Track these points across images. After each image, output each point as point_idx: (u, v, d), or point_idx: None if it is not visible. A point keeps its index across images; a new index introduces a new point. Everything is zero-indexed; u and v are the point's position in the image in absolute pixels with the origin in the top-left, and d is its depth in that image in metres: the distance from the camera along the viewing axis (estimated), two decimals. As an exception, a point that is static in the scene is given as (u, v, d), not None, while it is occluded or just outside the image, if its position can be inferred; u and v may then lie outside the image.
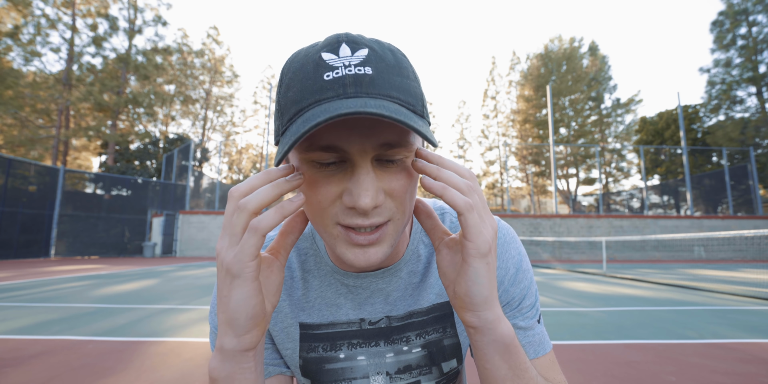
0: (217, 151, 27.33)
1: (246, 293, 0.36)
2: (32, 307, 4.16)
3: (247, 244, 0.35)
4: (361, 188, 0.39)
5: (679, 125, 21.07)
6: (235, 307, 0.36)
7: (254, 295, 0.36)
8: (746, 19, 23.67)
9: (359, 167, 0.40)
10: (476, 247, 0.37)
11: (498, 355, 0.41)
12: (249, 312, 0.36)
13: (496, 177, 35.97)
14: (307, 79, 0.39)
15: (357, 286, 0.56)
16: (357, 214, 0.41)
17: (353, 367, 0.55)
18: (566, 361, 2.41)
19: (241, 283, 0.35)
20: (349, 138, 0.39)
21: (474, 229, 0.37)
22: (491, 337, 0.40)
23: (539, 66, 33.42)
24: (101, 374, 2.14)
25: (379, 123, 0.39)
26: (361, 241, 0.42)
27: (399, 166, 0.43)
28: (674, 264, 13.56)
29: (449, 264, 0.42)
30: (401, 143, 0.41)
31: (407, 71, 0.42)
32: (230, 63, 34.66)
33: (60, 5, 19.81)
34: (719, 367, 2.30)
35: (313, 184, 0.42)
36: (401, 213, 0.44)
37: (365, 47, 0.40)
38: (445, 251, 0.43)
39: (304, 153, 0.41)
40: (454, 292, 0.41)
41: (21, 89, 18.23)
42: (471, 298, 0.39)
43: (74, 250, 14.14)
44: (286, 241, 0.42)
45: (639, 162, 29.17)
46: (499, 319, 0.41)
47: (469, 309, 0.40)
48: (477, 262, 0.38)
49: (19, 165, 12.48)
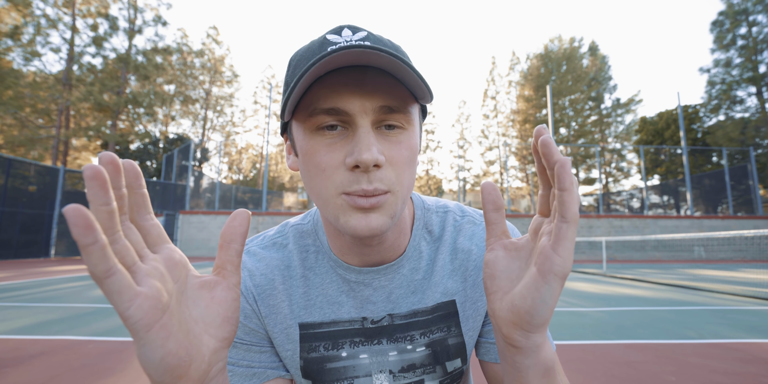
0: (217, 151, 27.35)
1: (144, 346, 0.28)
2: (32, 307, 4.16)
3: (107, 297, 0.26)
4: (362, 144, 0.41)
5: (679, 125, 21.06)
6: (141, 361, 0.29)
7: (157, 346, 0.28)
8: (746, 19, 23.67)
9: (360, 127, 0.42)
10: (563, 265, 0.32)
11: (537, 379, 0.37)
12: (157, 367, 0.29)
13: (496, 177, 35.95)
14: (312, 54, 0.44)
15: (359, 282, 0.56)
16: (361, 175, 0.42)
17: (356, 366, 0.55)
18: (566, 361, 2.41)
19: (133, 336, 0.28)
20: (350, 99, 0.42)
21: (569, 245, 0.32)
22: (534, 360, 0.37)
23: (539, 66, 33.41)
24: (101, 374, 2.14)
25: (378, 87, 0.42)
26: (364, 204, 0.43)
27: (398, 137, 0.45)
28: (674, 264, 13.55)
29: (504, 269, 0.38)
30: (400, 109, 0.44)
31: (403, 52, 0.47)
32: (230, 63, 34.65)
33: (60, 5, 19.81)
34: (719, 367, 2.30)
35: (316, 153, 0.44)
36: (400, 185, 0.45)
37: (365, 31, 0.45)
38: (502, 253, 0.38)
39: (307, 120, 0.44)
40: (510, 306, 0.35)
41: (21, 89, 18.22)
42: (532, 318, 0.34)
43: (74, 250, 14.13)
44: (230, 253, 0.35)
45: (639, 162, 29.18)
46: (545, 342, 0.37)
47: (523, 328, 0.35)
48: (557, 281, 0.32)
49: (19, 165, 12.48)
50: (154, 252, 0.32)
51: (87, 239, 0.23)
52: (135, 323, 0.27)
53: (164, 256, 0.32)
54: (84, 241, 0.23)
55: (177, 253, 0.33)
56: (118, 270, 0.25)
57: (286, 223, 0.63)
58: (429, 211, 0.62)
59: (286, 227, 0.62)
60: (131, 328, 0.27)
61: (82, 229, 0.23)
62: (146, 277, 0.28)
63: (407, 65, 0.40)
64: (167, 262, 0.31)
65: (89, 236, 0.23)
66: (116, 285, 0.25)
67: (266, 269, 0.57)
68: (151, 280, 0.28)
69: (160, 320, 0.28)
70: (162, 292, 0.28)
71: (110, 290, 0.25)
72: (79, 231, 0.23)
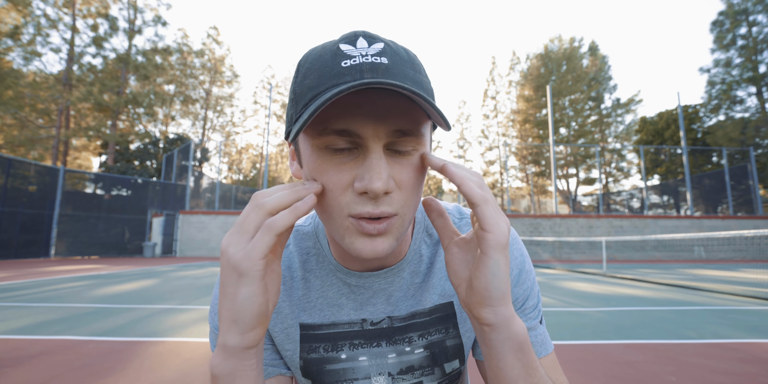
0: (217, 151, 27.34)
1: (253, 291, 0.36)
2: (32, 307, 4.16)
3: (260, 242, 0.35)
4: (373, 172, 0.40)
5: (679, 125, 21.06)
6: (242, 305, 0.36)
7: (261, 293, 0.36)
8: (746, 19, 23.66)
9: (371, 152, 0.41)
10: (496, 239, 0.37)
11: (512, 354, 0.40)
12: (255, 310, 0.36)
13: (496, 177, 35.93)
14: (324, 66, 0.40)
15: (359, 286, 0.56)
16: (368, 200, 0.41)
17: (355, 368, 0.55)
18: (566, 361, 2.41)
19: (249, 282, 0.35)
20: (364, 123, 0.40)
21: (492, 221, 0.37)
22: (506, 335, 0.39)
23: (539, 66, 33.41)
24: (101, 374, 2.14)
25: (392, 110, 0.40)
26: (371, 231, 0.42)
27: (408, 160, 0.44)
28: (674, 264, 13.55)
29: (461, 262, 0.42)
30: (413, 132, 0.42)
31: (420, 68, 0.44)
32: (230, 63, 34.65)
33: (60, 5, 19.81)
34: (719, 367, 2.30)
35: (324, 173, 0.42)
36: (407, 207, 0.44)
37: (381, 42, 0.42)
38: (456, 250, 0.43)
39: (317, 138, 0.42)
40: (470, 288, 0.40)
41: (21, 89, 18.23)
42: (490, 292, 0.38)
43: (74, 250, 14.13)
44: (281, 240, 0.42)
45: (639, 162, 29.17)
46: (514, 316, 0.40)
47: (487, 304, 0.39)
48: (497, 253, 0.37)
49: (19, 165, 12.48)
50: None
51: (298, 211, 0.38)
52: (260, 270, 0.36)
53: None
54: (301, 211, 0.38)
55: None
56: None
57: None
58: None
59: None
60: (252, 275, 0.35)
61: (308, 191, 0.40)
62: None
63: (426, 101, 0.38)
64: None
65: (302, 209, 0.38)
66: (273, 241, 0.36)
67: None
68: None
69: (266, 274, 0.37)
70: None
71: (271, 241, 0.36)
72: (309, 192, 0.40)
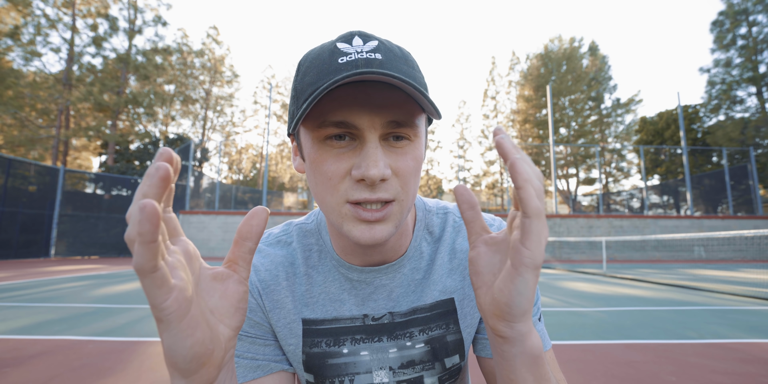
0: (217, 151, 27.35)
1: (175, 336, 0.29)
2: (32, 307, 4.16)
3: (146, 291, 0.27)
4: (370, 159, 0.42)
5: (679, 125, 21.06)
6: (170, 351, 0.30)
7: (186, 336, 0.29)
8: (746, 19, 23.66)
9: (368, 142, 0.44)
10: (533, 257, 0.33)
11: (524, 367, 0.38)
12: (187, 355, 0.30)
13: (496, 177, 35.93)
14: (322, 63, 0.44)
15: (360, 281, 0.57)
16: (365, 187, 0.44)
17: (356, 362, 0.56)
18: (566, 361, 2.41)
19: (164, 327, 0.29)
20: (360, 114, 0.43)
21: (536, 238, 0.33)
22: (520, 349, 0.38)
23: (539, 66, 33.40)
24: (101, 374, 2.14)
25: (387, 102, 0.43)
26: (369, 217, 0.44)
27: (404, 149, 0.46)
28: (674, 264, 13.55)
29: (486, 264, 0.39)
30: (408, 123, 0.45)
31: (413, 64, 0.47)
32: (230, 63, 34.62)
33: (60, 5, 19.80)
34: (719, 367, 2.30)
35: (324, 162, 0.45)
36: (405, 194, 0.47)
37: (375, 40, 0.45)
38: (483, 249, 0.40)
39: (316, 130, 0.45)
40: (492, 299, 0.37)
41: (21, 89, 18.21)
42: (512, 309, 0.35)
43: (74, 250, 14.13)
44: (243, 250, 0.36)
45: (639, 162, 29.17)
46: (531, 331, 0.38)
47: (505, 319, 0.36)
48: (529, 273, 0.34)
49: (19, 165, 12.48)
50: (173, 244, 0.32)
51: (152, 236, 0.24)
52: (170, 315, 0.28)
53: (182, 249, 0.32)
54: (149, 237, 0.24)
55: (191, 246, 0.34)
56: (162, 264, 0.26)
57: (291, 223, 0.65)
58: (430, 212, 0.64)
59: (290, 226, 0.64)
60: (165, 320, 0.28)
61: (153, 227, 0.24)
62: (175, 270, 0.28)
63: (417, 90, 0.41)
64: (185, 255, 0.32)
65: (155, 233, 0.24)
66: (159, 279, 0.26)
67: (271, 265, 0.59)
68: (180, 273, 0.29)
69: (189, 311, 0.29)
70: (188, 283, 0.29)
71: (152, 284, 0.26)
72: (150, 228, 0.24)
